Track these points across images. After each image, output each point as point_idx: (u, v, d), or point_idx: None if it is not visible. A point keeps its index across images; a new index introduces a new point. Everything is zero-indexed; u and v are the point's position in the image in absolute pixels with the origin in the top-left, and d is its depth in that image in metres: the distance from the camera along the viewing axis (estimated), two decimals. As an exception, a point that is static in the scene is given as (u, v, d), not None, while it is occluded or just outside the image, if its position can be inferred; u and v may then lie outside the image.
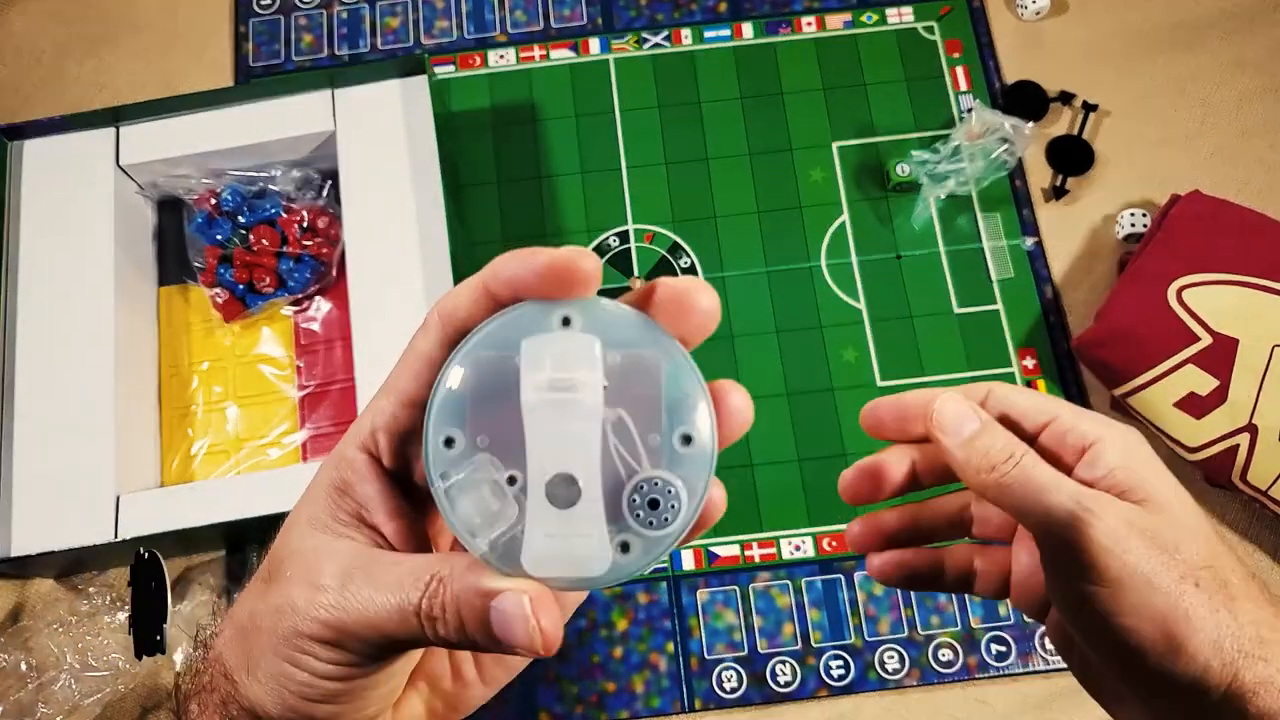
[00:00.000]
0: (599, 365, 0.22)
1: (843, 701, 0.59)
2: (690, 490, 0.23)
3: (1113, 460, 0.30)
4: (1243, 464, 0.56)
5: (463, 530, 0.22)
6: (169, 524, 0.56)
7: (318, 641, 0.24)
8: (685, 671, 0.60)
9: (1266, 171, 0.68)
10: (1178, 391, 0.57)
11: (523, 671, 0.59)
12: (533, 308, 0.23)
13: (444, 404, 0.23)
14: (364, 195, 0.63)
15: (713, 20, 0.74)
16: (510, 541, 0.23)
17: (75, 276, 0.61)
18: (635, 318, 0.23)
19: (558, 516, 0.22)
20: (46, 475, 0.58)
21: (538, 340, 0.22)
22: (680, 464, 0.23)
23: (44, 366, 0.60)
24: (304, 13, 0.75)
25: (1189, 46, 0.71)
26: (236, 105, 0.64)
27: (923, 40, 0.72)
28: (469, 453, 0.23)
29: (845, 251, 0.68)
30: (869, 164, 0.69)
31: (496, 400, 0.22)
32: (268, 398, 0.65)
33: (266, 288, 0.64)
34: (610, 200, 0.69)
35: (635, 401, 0.23)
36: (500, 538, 0.23)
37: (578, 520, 0.22)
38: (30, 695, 0.57)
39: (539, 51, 0.73)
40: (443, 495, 0.22)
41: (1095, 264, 0.67)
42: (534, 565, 0.23)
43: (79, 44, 0.75)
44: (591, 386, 0.22)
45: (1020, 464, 0.29)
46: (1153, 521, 0.28)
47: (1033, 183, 0.69)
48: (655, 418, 0.23)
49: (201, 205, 0.65)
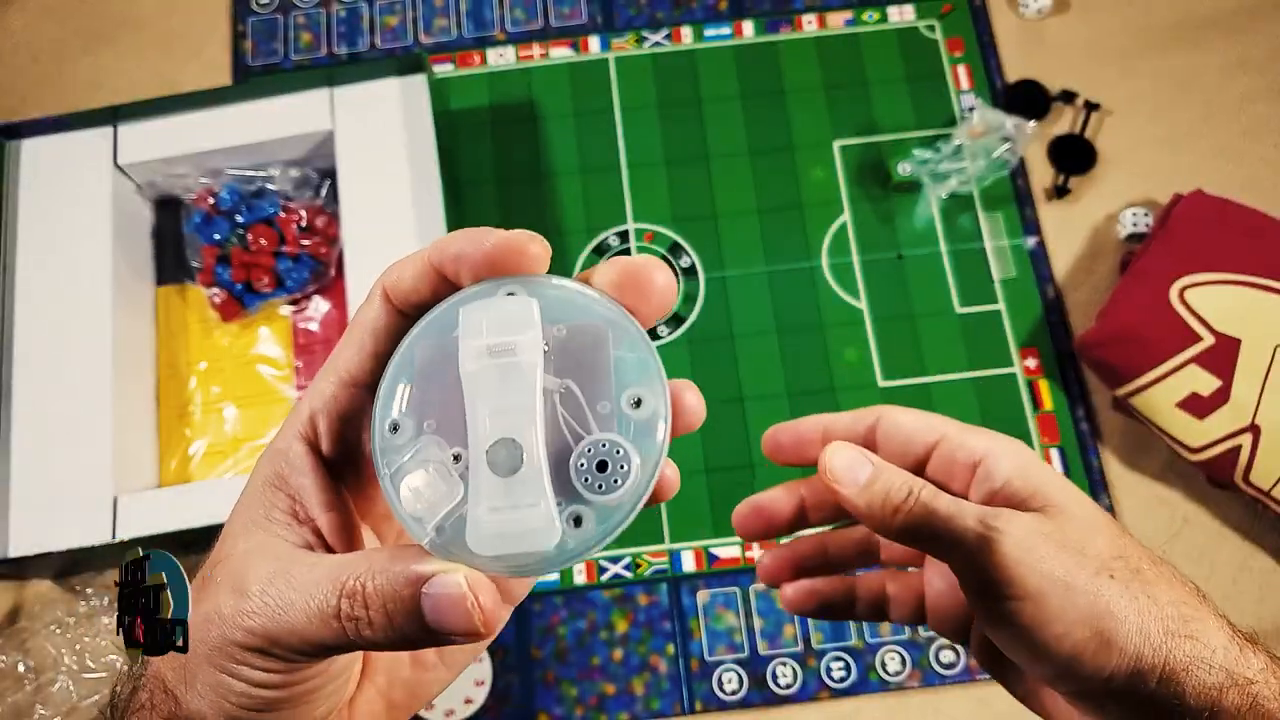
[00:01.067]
0: (537, 327, 0.22)
1: (844, 703, 0.59)
2: (644, 454, 0.22)
3: (1006, 471, 0.30)
4: (1245, 464, 0.56)
5: (408, 518, 0.21)
6: (167, 525, 0.56)
7: (248, 650, 0.23)
8: (685, 673, 0.59)
9: (1270, 171, 0.67)
10: (1180, 392, 0.57)
11: (522, 673, 0.59)
12: (480, 288, 0.23)
13: (388, 390, 0.22)
14: (362, 194, 0.63)
15: (713, 18, 0.73)
16: (456, 523, 0.21)
17: (73, 276, 0.61)
18: (582, 290, 0.23)
19: (501, 486, 0.21)
20: (44, 476, 0.58)
21: (474, 307, 0.22)
22: (631, 428, 0.22)
23: (41, 367, 0.60)
24: (302, 11, 0.74)
25: (1192, 45, 0.71)
26: (234, 104, 0.64)
27: (924, 39, 0.72)
28: (415, 436, 0.22)
29: (846, 251, 0.67)
30: (870, 163, 0.69)
31: (442, 381, 0.22)
32: (266, 398, 0.64)
33: (264, 287, 0.64)
34: (610, 199, 0.69)
35: (584, 371, 0.22)
36: (446, 520, 0.21)
37: (522, 489, 0.21)
38: (28, 697, 0.57)
39: (538, 50, 0.73)
40: (388, 482, 0.22)
41: (1097, 264, 0.66)
42: (480, 544, 0.21)
43: (77, 43, 0.74)
44: (529, 348, 0.21)
45: (919, 499, 0.29)
46: (1056, 525, 0.28)
47: (1034, 182, 0.69)
48: (605, 386, 0.22)
49: (199, 204, 0.65)
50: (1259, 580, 0.60)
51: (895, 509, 0.29)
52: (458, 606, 0.22)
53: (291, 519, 0.25)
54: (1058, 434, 0.63)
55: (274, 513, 0.25)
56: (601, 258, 0.68)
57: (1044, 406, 0.64)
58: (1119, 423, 0.63)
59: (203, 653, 0.24)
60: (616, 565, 0.62)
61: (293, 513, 0.25)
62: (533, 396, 0.21)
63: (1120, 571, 0.28)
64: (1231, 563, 0.60)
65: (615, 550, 0.62)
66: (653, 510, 0.62)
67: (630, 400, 0.22)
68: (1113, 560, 0.28)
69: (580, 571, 0.62)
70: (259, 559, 0.24)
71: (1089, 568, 0.27)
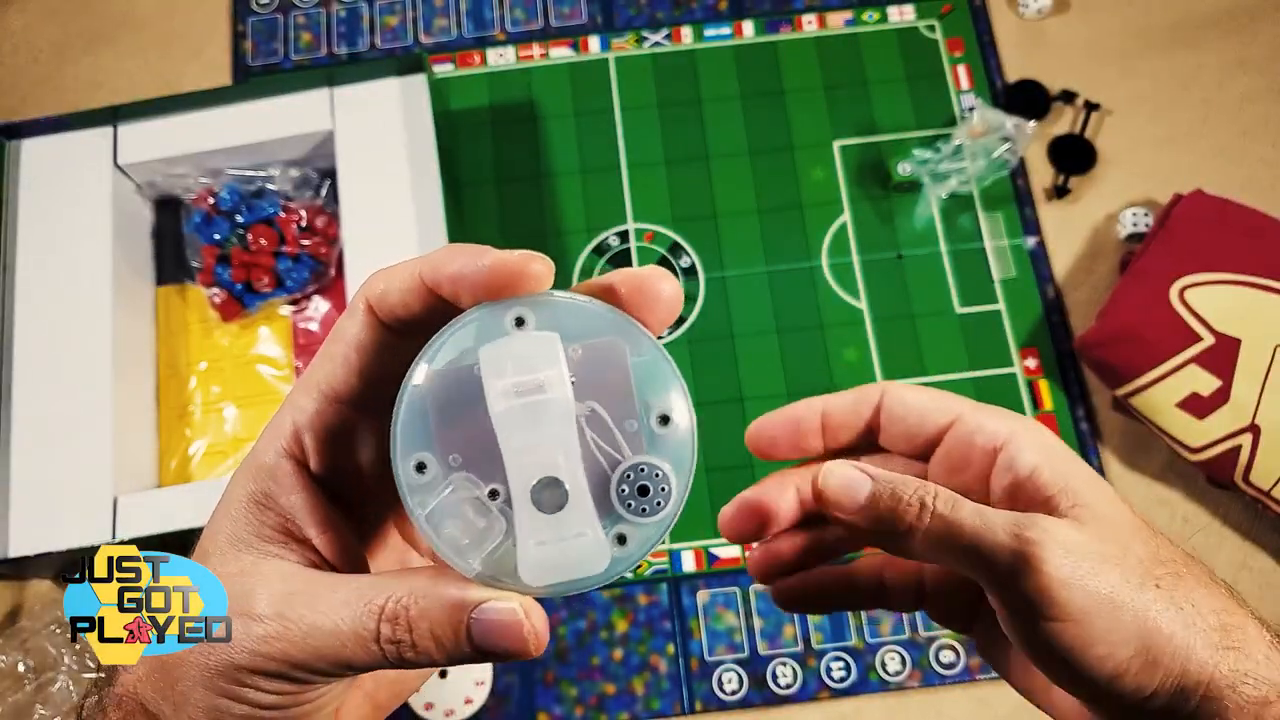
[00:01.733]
0: (562, 361, 0.22)
1: (844, 703, 0.59)
2: (678, 469, 0.22)
3: (1031, 461, 0.27)
4: (1245, 464, 0.56)
5: (451, 555, 0.22)
6: (167, 525, 0.56)
7: (257, 673, 0.23)
8: (685, 673, 0.59)
9: (1269, 171, 0.67)
10: (1180, 392, 0.57)
11: (522, 673, 0.59)
12: (484, 312, 0.22)
13: (408, 426, 0.22)
14: (362, 194, 0.63)
15: (713, 18, 0.73)
16: (503, 556, 0.22)
17: (73, 276, 0.61)
18: (592, 306, 0.23)
19: (548, 522, 0.22)
20: (44, 476, 0.58)
21: (495, 346, 0.22)
22: (661, 445, 0.22)
23: (41, 367, 0.60)
24: (302, 11, 0.74)
25: (1191, 45, 0.71)
26: (234, 104, 0.64)
27: (924, 39, 0.72)
28: (444, 474, 0.22)
29: (846, 251, 0.67)
30: (870, 163, 0.69)
31: (462, 415, 0.22)
32: (266, 398, 0.64)
33: (264, 287, 0.64)
34: (610, 199, 0.69)
35: (605, 391, 0.22)
36: (492, 555, 0.22)
37: (570, 523, 0.22)
38: (28, 696, 0.57)
39: (538, 50, 0.73)
40: (424, 523, 0.22)
41: (1097, 263, 0.66)
42: (533, 576, 0.22)
43: (77, 43, 0.74)
44: (559, 384, 0.22)
45: (936, 512, 0.26)
46: (1095, 532, 0.26)
47: (1034, 182, 0.69)
48: (629, 404, 0.22)
49: (199, 204, 0.65)
50: (1259, 580, 0.60)
51: (909, 527, 0.26)
52: (511, 630, 0.22)
53: (286, 538, 0.24)
54: (1058, 434, 0.63)
55: (264, 530, 0.24)
56: (601, 258, 0.68)
57: (1044, 406, 0.64)
58: (1119, 423, 0.63)
59: (200, 676, 0.23)
60: (616, 565, 0.62)
61: (285, 531, 0.24)
62: (568, 432, 0.22)
63: (1165, 580, 0.25)
64: (1231, 563, 0.60)
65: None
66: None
67: (658, 417, 0.22)
68: (1155, 568, 0.26)
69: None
70: (261, 579, 0.23)
71: (1134, 580, 0.25)
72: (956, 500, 0.26)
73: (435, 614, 0.22)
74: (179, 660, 0.24)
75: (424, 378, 0.22)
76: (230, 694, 0.23)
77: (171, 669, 0.24)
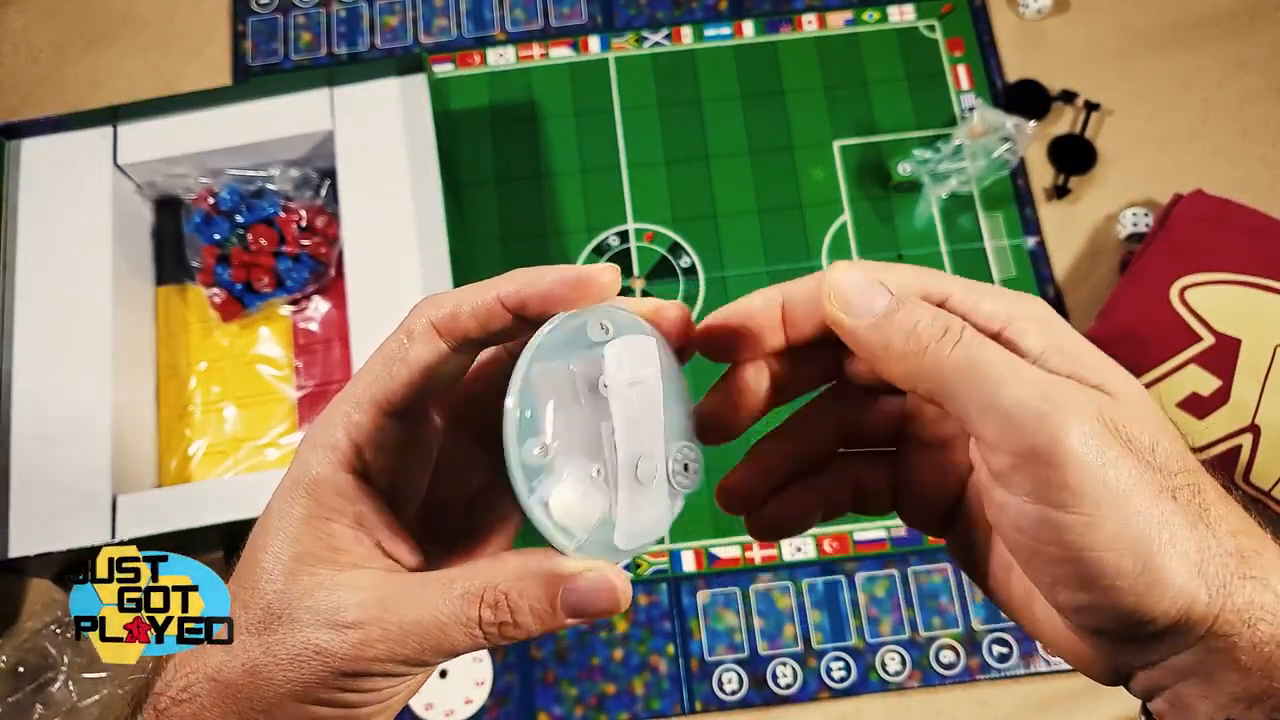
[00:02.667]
0: (658, 359, 0.26)
1: (844, 703, 0.59)
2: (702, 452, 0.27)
3: (1038, 344, 0.24)
4: (1245, 464, 0.56)
5: (555, 531, 0.24)
6: (167, 525, 0.56)
7: (360, 675, 0.24)
8: (686, 673, 0.59)
9: (1269, 171, 0.67)
10: (1180, 392, 0.57)
11: (522, 673, 0.59)
12: (571, 319, 0.25)
13: (521, 415, 0.24)
14: (362, 194, 0.63)
15: (713, 18, 0.73)
16: (600, 527, 0.25)
17: (73, 276, 0.61)
18: (644, 324, 0.27)
19: (644, 493, 0.25)
20: (44, 476, 0.58)
21: (615, 345, 0.25)
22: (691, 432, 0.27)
23: (41, 367, 0.60)
24: (302, 11, 0.75)
25: (1191, 45, 0.71)
26: (234, 104, 0.64)
27: (924, 39, 0.72)
28: (550, 460, 0.24)
29: (847, 251, 0.67)
30: (870, 163, 0.69)
31: (562, 406, 0.24)
32: (266, 398, 0.64)
33: (264, 287, 0.64)
34: (610, 199, 0.69)
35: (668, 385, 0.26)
36: (591, 528, 0.25)
37: (654, 493, 0.25)
38: (28, 697, 0.57)
39: (538, 50, 0.73)
40: (534, 499, 0.24)
41: (1097, 263, 0.67)
42: (625, 541, 0.25)
43: (77, 43, 0.74)
44: (656, 378, 0.26)
45: (962, 342, 0.23)
46: (1124, 415, 0.22)
47: (1034, 182, 0.69)
48: (684, 401, 0.27)
49: (199, 204, 0.65)
50: (1259, 580, 0.60)
51: (925, 348, 0.23)
52: (605, 595, 0.24)
53: (356, 547, 0.25)
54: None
55: (332, 543, 0.25)
56: (602, 258, 0.68)
57: (1044, 406, 0.64)
58: (1119, 423, 0.63)
59: (285, 691, 0.24)
60: (616, 565, 0.62)
61: (355, 541, 0.25)
62: (660, 418, 0.26)
63: (1184, 491, 0.22)
64: (1231, 563, 0.60)
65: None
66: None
67: (691, 413, 0.27)
68: (1179, 474, 0.22)
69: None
70: (345, 591, 0.24)
71: (1154, 483, 0.22)
72: (986, 341, 0.23)
73: (534, 592, 0.24)
74: (262, 680, 0.24)
75: (531, 375, 0.24)
76: (327, 700, 0.24)
77: (246, 691, 0.24)
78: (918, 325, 0.24)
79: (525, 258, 0.68)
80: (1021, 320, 0.24)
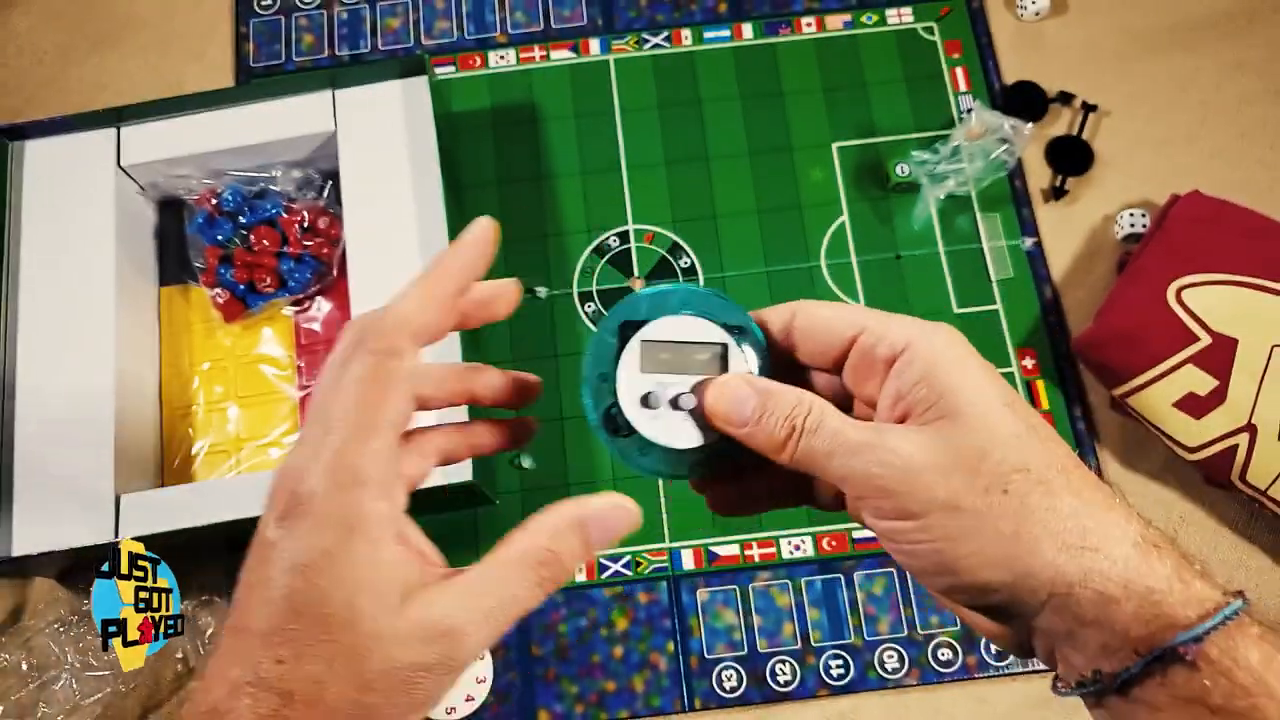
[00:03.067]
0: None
1: (842, 701, 0.59)
2: None
3: (916, 373, 0.28)
4: (1242, 464, 0.56)
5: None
6: (169, 524, 0.56)
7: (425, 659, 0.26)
8: (685, 671, 0.60)
9: (1266, 172, 0.68)
10: (1177, 391, 0.57)
11: (523, 671, 0.60)
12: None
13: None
14: (364, 195, 0.63)
15: (713, 21, 0.74)
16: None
17: (76, 277, 0.62)
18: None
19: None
20: (47, 475, 0.58)
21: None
22: None
23: (45, 367, 0.60)
24: (304, 13, 0.75)
25: (1189, 47, 0.71)
26: (237, 106, 0.64)
27: (922, 41, 0.73)
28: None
29: (845, 251, 0.68)
30: (869, 164, 0.70)
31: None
32: (268, 398, 0.65)
33: (267, 288, 0.64)
34: (610, 200, 0.69)
35: None
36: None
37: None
38: (31, 695, 0.57)
39: (539, 52, 0.73)
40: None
41: (1095, 264, 0.67)
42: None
43: (80, 44, 0.75)
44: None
45: (800, 444, 0.29)
46: (949, 441, 0.27)
47: (1032, 183, 0.69)
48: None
49: (202, 205, 0.65)
50: (1255, 579, 0.60)
51: (782, 446, 0.29)
52: (620, 516, 0.28)
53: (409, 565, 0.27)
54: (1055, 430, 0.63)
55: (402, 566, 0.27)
56: (602, 259, 0.68)
57: (1041, 406, 0.64)
58: (1116, 422, 0.64)
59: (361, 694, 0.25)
60: (617, 564, 0.62)
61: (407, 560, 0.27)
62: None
63: (1018, 484, 0.26)
64: (1228, 561, 0.60)
65: (616, 549, 0.62)
66: (653, 509, 0.63)
67: None
68: (1012, 474, 0.27)
69: (580, 570, 0.62)
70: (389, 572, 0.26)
71: (979, 486, 0.26)
72: (821, 423, 0.29)
73: (569, 538, 0.28)
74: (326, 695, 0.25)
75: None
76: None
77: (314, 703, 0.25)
78: (772, 430, 0.29)
79: (526, 258, 0.68)
80: (914, 347, 0.29)
